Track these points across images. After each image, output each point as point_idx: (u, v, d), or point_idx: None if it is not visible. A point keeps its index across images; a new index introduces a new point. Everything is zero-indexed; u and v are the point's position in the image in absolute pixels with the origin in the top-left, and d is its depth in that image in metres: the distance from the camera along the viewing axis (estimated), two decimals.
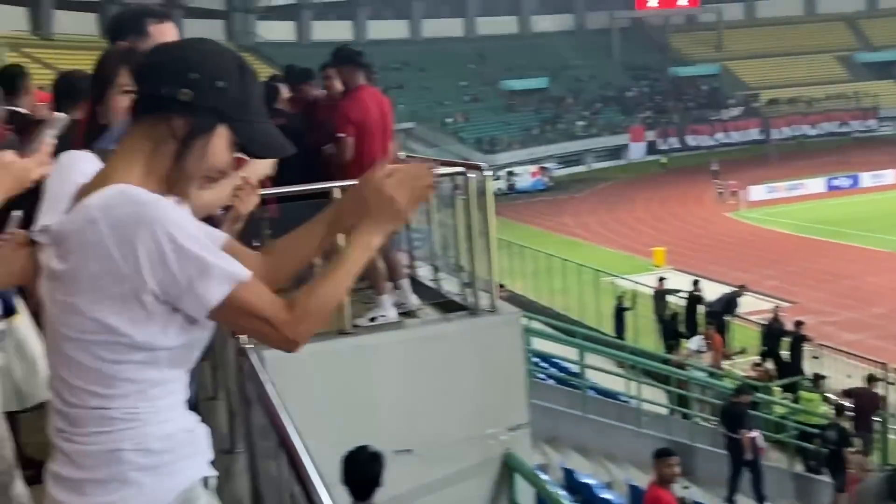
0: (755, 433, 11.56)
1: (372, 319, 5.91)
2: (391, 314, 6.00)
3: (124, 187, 1.59)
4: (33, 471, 2.94)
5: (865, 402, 14.13)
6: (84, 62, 7.34)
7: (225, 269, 1.58)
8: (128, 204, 1.56)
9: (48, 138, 2.13)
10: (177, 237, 1.54)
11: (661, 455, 8.15)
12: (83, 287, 1.57)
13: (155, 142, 1.67)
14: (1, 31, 36.72)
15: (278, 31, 61.51)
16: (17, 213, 2.19)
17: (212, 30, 57.83)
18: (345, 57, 6.41)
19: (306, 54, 29.94)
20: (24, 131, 3.26)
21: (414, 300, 6.36)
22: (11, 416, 3.44)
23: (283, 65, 9.32)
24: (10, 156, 2.05)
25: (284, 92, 7.06)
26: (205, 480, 1.71)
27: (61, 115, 2.26)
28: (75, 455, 1.60)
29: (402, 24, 68.54)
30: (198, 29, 55.67)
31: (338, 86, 6.59)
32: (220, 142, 1.70)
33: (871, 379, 14.72)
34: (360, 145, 6.13)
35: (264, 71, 26.28)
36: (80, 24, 48.25)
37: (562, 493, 7.53)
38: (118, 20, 3.47)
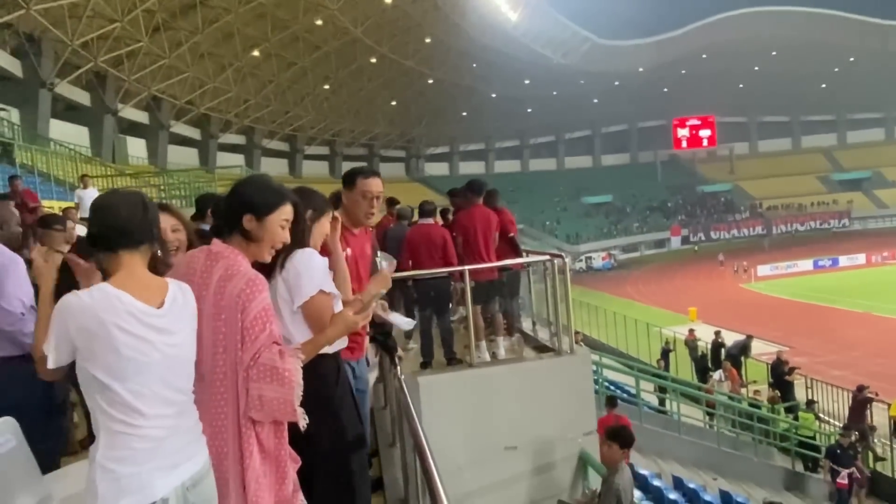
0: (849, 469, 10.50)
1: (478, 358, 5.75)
2: (485, 357, 5.84)
3: None
4: None
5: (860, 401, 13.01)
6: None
7: None
8: None
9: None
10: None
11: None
12: None
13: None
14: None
15: (438, 169, 63.08)
16: None
17: (397, 169, 60.12)
18: (466, 186, 6.42)
19: (455, 182, 30.19)
20: None
21: (502, 352, 6.04)
22: None
23: (443, 189, 8.78)
24: None
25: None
26: None
27: None
28: None
29: (517, 162, 69.38)
30: (388, 169, 58.06)
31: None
32: None
33: (861, 388, 13.29)
34: (465, 242, 6.03)
35: (429, 195, 26.84)
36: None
37: None
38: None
